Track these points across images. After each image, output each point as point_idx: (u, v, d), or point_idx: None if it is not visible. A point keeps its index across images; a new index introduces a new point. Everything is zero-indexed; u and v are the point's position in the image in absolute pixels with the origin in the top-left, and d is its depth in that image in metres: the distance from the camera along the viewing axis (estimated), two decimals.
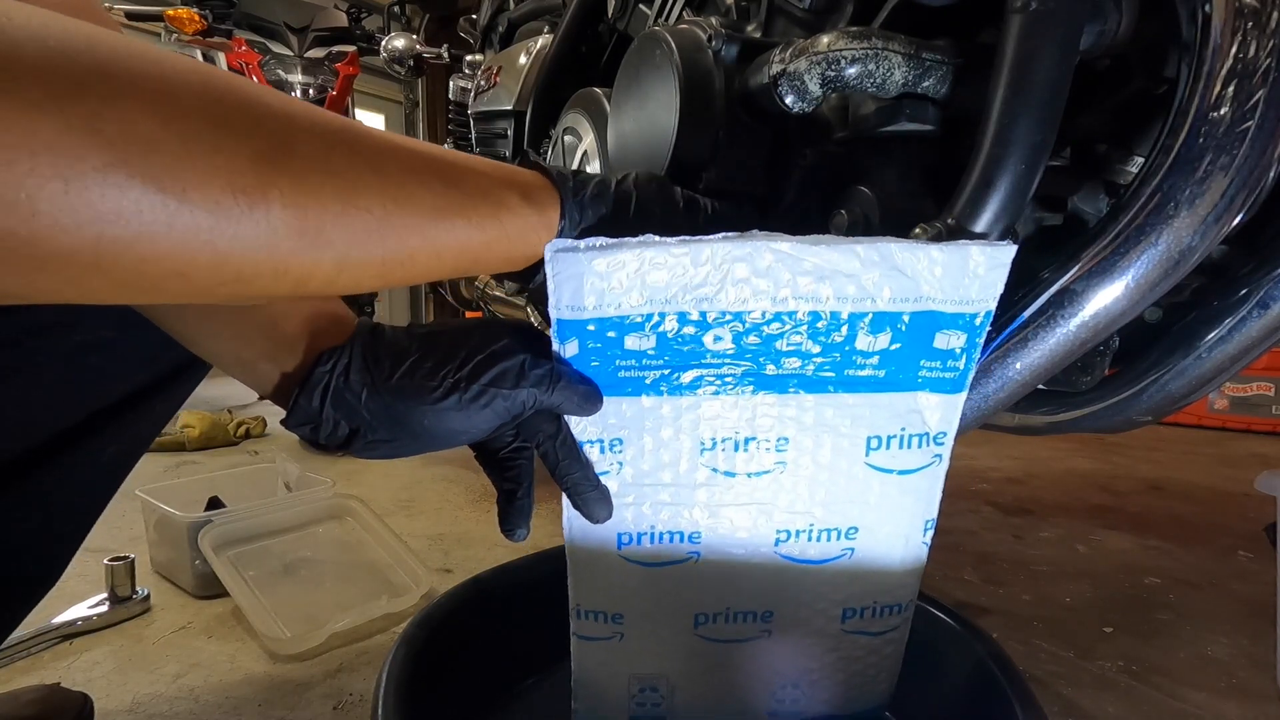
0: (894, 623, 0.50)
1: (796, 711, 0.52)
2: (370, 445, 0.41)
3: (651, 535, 0.45)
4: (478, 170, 0.36)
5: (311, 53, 2.31)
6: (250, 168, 0.26)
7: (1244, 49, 0.36)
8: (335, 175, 0.29)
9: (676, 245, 0.37)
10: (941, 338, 0.40)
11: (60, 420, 0.48)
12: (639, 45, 0.59)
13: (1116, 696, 0.76)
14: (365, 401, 0.40)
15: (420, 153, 0.34)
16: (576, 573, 0.47)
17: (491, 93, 1.30)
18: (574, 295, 0.38)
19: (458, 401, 0.39)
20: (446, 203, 0.34)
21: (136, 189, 0.24)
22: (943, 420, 0.43)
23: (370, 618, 0.85)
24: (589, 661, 0.50)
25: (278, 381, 0.41)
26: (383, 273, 0.32)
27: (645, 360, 0.40)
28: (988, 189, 0.40)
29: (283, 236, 0.28)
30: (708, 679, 0.51)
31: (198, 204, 0.25)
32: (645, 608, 0.48)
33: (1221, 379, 0.50)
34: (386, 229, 0.31)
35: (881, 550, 0.46)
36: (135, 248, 0.25)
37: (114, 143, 0.23)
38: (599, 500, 0.44)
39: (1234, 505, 1.46)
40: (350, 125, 0.32)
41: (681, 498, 0.44)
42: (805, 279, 0.38)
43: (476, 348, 0.40)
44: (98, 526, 0.55)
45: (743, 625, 0.49)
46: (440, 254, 0.34)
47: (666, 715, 0.52)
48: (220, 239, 0.26)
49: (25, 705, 0.63)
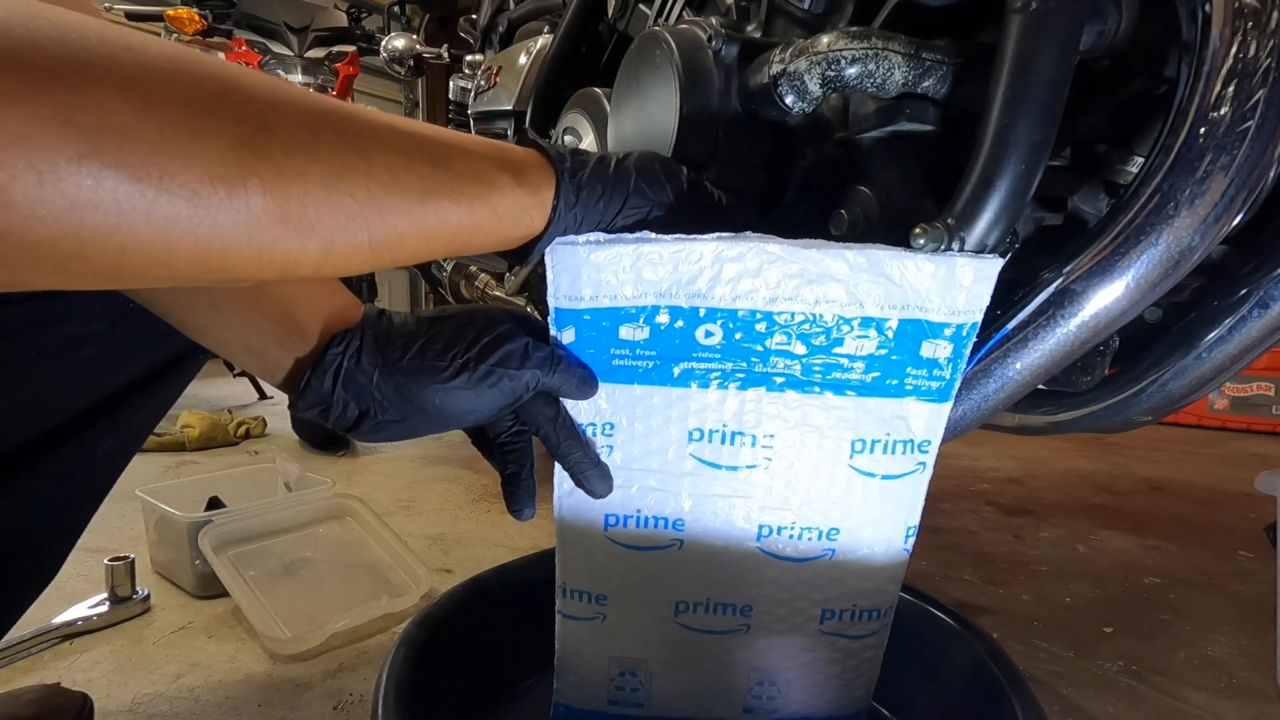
0: (873, 628, 0.50)
1: (772, 710, 0.53)
2: (380, 426, 0.42)
3: (638, 519, 0.47)
4: (468, 150, 0.36)
5: (311, 53, 2.31)
6: (229, 155, 0.26)
7: (1244, 49, 0.36)
8: (318, 160, 0.29)
9: (671, 242, 0.39)
10: (928, 346, 0.40)
11: (54, 414, 0.48)
12: (639, 45, 0.59)
13: (1116, 696, 0.76)
14: (377, 382, 0.41)
15: (408, 133, 0.34)
16: (564, 551, 0.49)
17: (491, 93, 1.30)
18: (571, 286, 0.40)
19: (467, 380, 0.40)
20: (434, 185, 0.33)
21: (112, 179, 0.23)
22: (928, 429, 0.43)
23: (370, 618, 0.85)
24: (571, 640, 0.52)
25: (289, 367, 0.42)
26: (372, 257, 0.32)
27: (638, 350, 0.42)
28: (988, 189, 0.40)
29: (265, 224, 0.28)
30: (686, 668, 0.52)
31: (175, 193, 0.25)
32: (628, 590, 0.49)
33: (1222, 379, 0.50)
34: (372, 214, 0.31)
35: (862, 553, 0.47)
36: (115, 238, 0.24)
37: (87, 132, 0.23)
38: (600, 477, 0.45)
39: (1234, 505, 1.46)
40: (335, 107, 0.31)
41: (668, 484, 0.46)
42: (795, 281, 0.39)
43: (482, 330, 0.41)
44: (98, 526, 0.55)
45: (722, 617, 0.49)
46: (430, 236, 0.34)
47: (644, 702, 0.53)
48: (200, 228, 0.26)
49: (25, 705, 0.63)
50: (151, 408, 0.55)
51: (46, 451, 0.48)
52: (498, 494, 1.50)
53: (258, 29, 2.30)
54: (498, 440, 0.46)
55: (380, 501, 1.35)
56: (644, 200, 0.40)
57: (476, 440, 0.48)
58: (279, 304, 0.41)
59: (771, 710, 0.53)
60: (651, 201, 0.41)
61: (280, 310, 0.41)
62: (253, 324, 0.41)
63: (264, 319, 0.41)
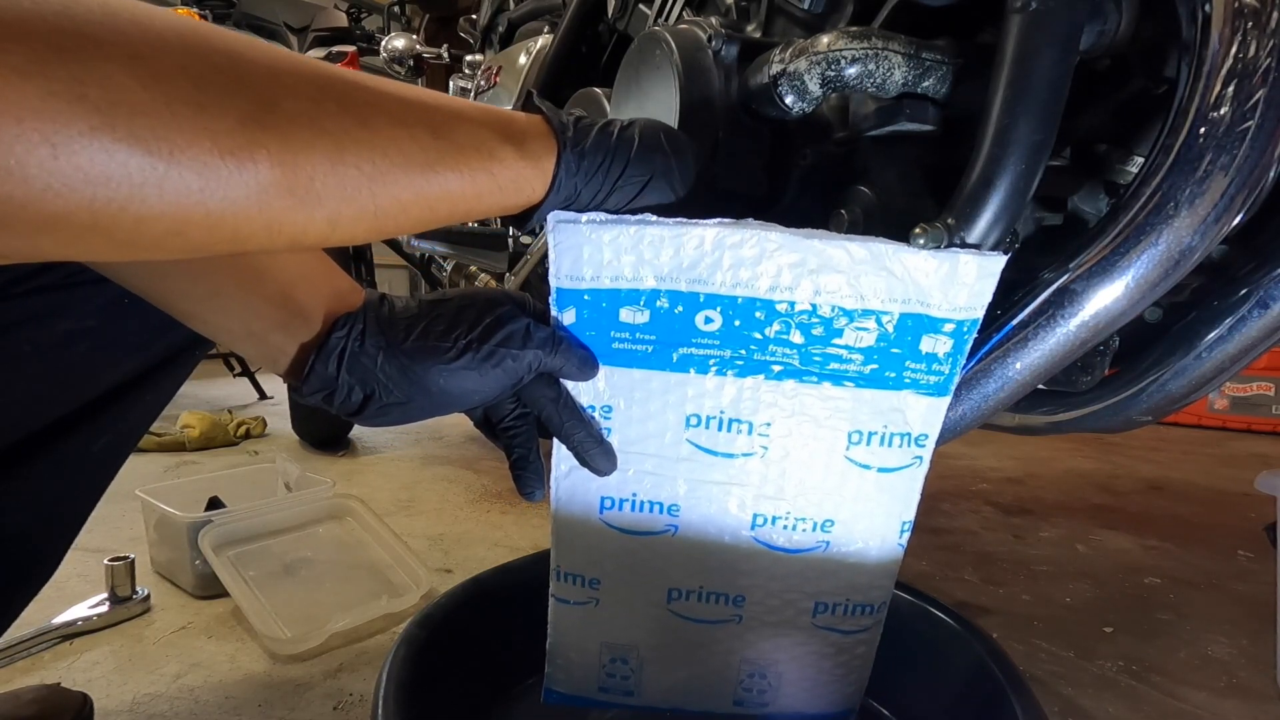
0: (865, 623, 0.50)
1: (762, 703, 0.53)
2: (384, 409, 0.42)
3: (633, 503, 0.47)
4: (471, 119, 0.36)
5: (311, 53, 2.31)
6: (237, 128, 0.27)
7: (1244, 49, 0.36)
8: (324, 133, 0.30)
9: (672, 226, 0.39)
10: (928, 341, 0.40)
11: (50, 410, 0.48)
12: (639, 45, 0.59)
13: (1116, 696, 0.76)
14: (381, 365, 0.41)
15: (412, 102, 0.34)
16: (559, 533, 0.49)
17: (491, 93, 1.31)
18: (573, 265, 0.40)
19: (470, 360, 0.40)
20: (437, 155, 0.34)
21: (124, 152, 0.24)
22: (925, 422, 0.43)
23: (370, 618, 0.85)
24: (564, 624, 0.52)
25: (292, 352, 0.42)
26: (377, 226, 0.33)
27: (638, 334, 0.42)
28: (988, 189, 0.40)
29: (274, 195, 0.28)
30: (677, 657, 0.52)
31: (186, 165, 0.25)
32: (621, 575, 0.49)
33: (1222, 379, 0.50)
34: (377, 184, 0.32)
35: (856, 547, 0.47)
36: (130, 209, 0.25)
37: (99, 106, 0.23)
38: (604, 455, 0.45)
39: (1234, 505, 1.46)
40: (340, 77, 0.32)
41: (664, 469, 0.46)
42: (795, 271, 0.39)
43: (484, 311, 0.41)
44: (98, 526, 0.55)
45: (715, 606, 0.50)
46: (433, 205, 0.34)
47: (634, 690, 0.53)
48: (211, 199, 0.26)
49: (25, 705, 0.64)
50: (148, 403, 0.55)
51: (42, 448, 0.48)
52: (498, 494, 1.51)
53: (258, 29, 2.30)
54: (501, 424, 0.47)
55: (380, 501, 1.35)
56: (645, 168, 0.40)
57: (481, 425, 0.48)
58: (280, 289, 0.41)
59: (762, 703, 0.53)
60: (653, 169, 0.40)
61: (282, 295, 0.41)
62: (254, 310, 0.41)
63: (265, 305, 0.41)
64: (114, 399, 0.51)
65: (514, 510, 1.32)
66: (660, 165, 0.40)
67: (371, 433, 1.89)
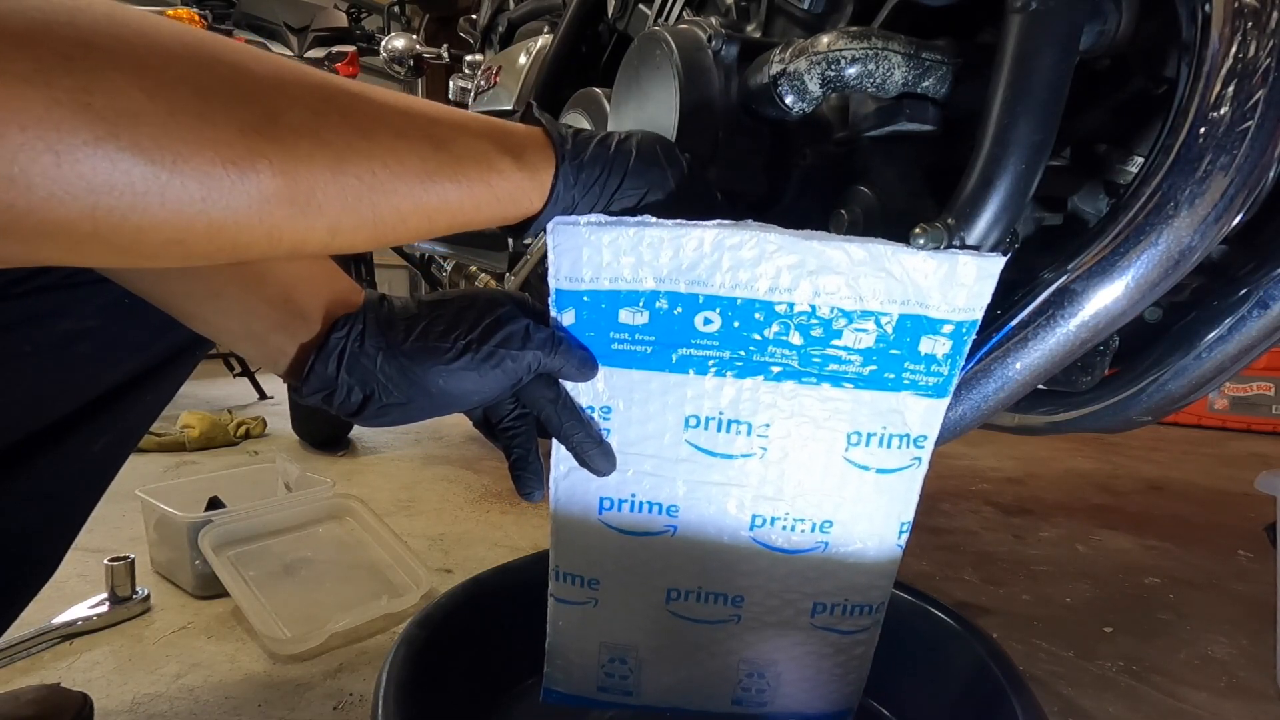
0: (864, 624, 0.50)
1: (761, 703, 0.53)
2: (384, 410, 0.42)
3: (632, 503, 0.47)
4: (470, 131, 0.37)
5: (311, 53, 2.31)
6: (239, 139, 0.27)
7: (1244, 49, 0.36)
8: (325, 144, 0.30)
9: (672, 227, 0.39)
10: (927, 342, 0.40)
11: (50, 410, 0.48)
12: (639, 45, 0.59)
13: (1116, 696, 0.76)
14: (381, 365, 0.41)
15: (413, 114, 0.34)
16: (558, 534, 0.49)
17: (491, 93, 1.31)
18: (572, 267, 0.40)
19: (470, 361, 0.40)
20: (436, 168, 0.34)
21: (127, 161, 0.24)
22: (924, 424, 0.43)
23: (370, 618, 0.85)
24: (563, 623, 0.52)
25: (292, 353, 0.42)
26: (376, 235, 0.33)
27: (637, 335, 0.42)
28: (988, 189, 0.40)
29: (275, 205, 0.29)
30: (675, 657, 0.52)
31: (189, 175, 0.26)
32: (620, 575, 0.49)
33: (1221, 379, 0.50)
34: (377, 195, 0.32)
35: (855, 547, 0.47)
36: (131, 217, 0.25)
37: (103, 116, 0.23)
38: (603, 455, 0.45)
39: (1234, 505, 1.46)
40: (342, 88, 0.32)
41: (663, 470, 0.46)
42: (794, 272, 0.39)
43: (483, 312, 0.42)
44: (98, 526, 0.55)
45: (714, 607, 0.50)
46: (432, 216, 0.35)
47: (633, 690, 0.53)
48: (213, 208, 0.27)
49: (25, 705, 0.64)
50: (148, 403, 0.55)
51: (42, 448, 0.48)
52: (498, 494, 1.51)
53: (258, 29, 2.30)
54: (501, 425, 0.47)
55: (380, 501, 1.35)
56: (641, 181, 0.41)
57: (481, 426, 0.48)
58: (280, 290, 0.41)
59: (760, 703, 0.53)
60: (650, 182, 0.41)
61: (282, 296, 0.41)
62: (254, 311, 0.41)
63: (265, 305, 0.41)
64: (114, 399, 0.51)
65: (514, 510, 1.32)
66: (657, 178, 0.41)
67: (371, 433, 1.89)
